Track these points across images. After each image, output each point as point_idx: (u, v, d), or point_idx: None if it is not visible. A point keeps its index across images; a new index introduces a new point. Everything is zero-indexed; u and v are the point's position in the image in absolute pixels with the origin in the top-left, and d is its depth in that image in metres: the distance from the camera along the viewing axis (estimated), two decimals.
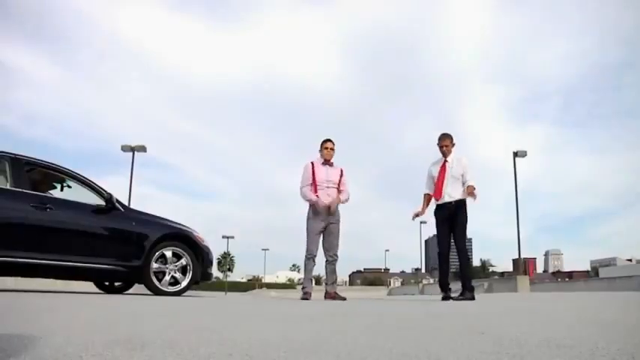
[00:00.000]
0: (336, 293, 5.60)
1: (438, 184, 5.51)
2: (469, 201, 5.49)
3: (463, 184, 5.48)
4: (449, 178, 5.48)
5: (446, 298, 5.43)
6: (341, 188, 5.67)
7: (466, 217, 5.51)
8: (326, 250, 5.63)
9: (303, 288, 5.64)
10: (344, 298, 5.57)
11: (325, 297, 5.61)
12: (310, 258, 5.55)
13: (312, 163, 5.64)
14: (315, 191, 5.54)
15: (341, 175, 5.68)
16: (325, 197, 5.53)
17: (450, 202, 5.46)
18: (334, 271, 5.68)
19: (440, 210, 5.56)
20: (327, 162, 5.64)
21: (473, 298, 5.39)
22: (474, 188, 5.36)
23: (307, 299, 5.33)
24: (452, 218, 5.48)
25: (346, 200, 5.71)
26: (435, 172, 5.60)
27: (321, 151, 5.69)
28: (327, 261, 5.65)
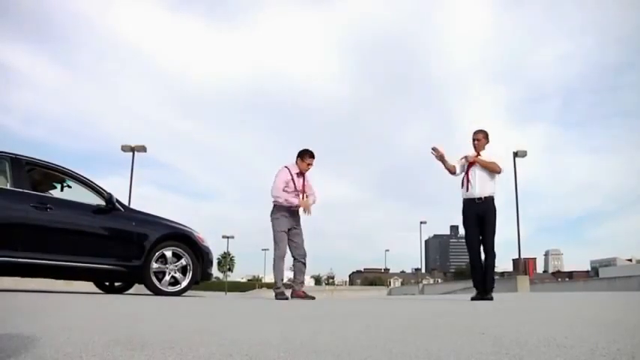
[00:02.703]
0: (303, 292, 5.61)
1: (465, 177, 5.31)
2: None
3: (492, 179, 5.30)
4: (477, 172, 5.26)
5: (476, 298, 5.29)
6: (308, 192, 5.65)
7: (496, 215, 5.30)
8: (294, 250, 5.61)
9: (279, 288, 5.54)
10: (313, 297, 5.61)
11: (293, 295, 5.60)
12: (283, 257, 5.56)
13: (289, 170, 5.55)
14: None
15: (305, 183, 5.64)
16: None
17: (480, 198, 5.24)
18: (303, 270, 5.71)
19: (469, 207, 5.31)
20: (300, 174, 5.61)
21: (492, 299, 5.29)
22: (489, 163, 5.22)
23: (286, 299, 5.39)
24: (482, 217, 5.27)
25: (314, 202, 5.71)
26: (465, 164, 5.37)
27: (302, 162, 5.58)
28: (295, 260, 5.65)
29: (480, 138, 5.35)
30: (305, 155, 5.60)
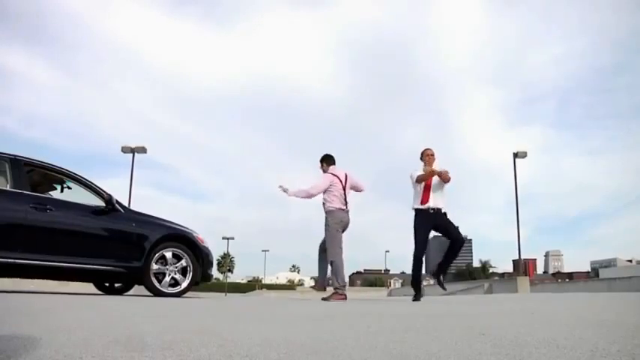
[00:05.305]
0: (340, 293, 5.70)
1: (425, 192, 5.53)
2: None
3: (443, 195, 5.60)
4: (434, 187, 5.53)
5: (417, 299, 5.61)
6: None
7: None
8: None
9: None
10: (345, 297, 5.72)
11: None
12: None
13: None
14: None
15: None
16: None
17: (434, 209, 5.51)
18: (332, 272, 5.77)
19: (422, 215, 5.55)
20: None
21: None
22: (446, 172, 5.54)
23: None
24: (436, 223, 5.56)
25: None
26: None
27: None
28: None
29: (433, 153, 5.67)
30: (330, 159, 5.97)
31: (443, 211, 5.59)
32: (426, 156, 5.66)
